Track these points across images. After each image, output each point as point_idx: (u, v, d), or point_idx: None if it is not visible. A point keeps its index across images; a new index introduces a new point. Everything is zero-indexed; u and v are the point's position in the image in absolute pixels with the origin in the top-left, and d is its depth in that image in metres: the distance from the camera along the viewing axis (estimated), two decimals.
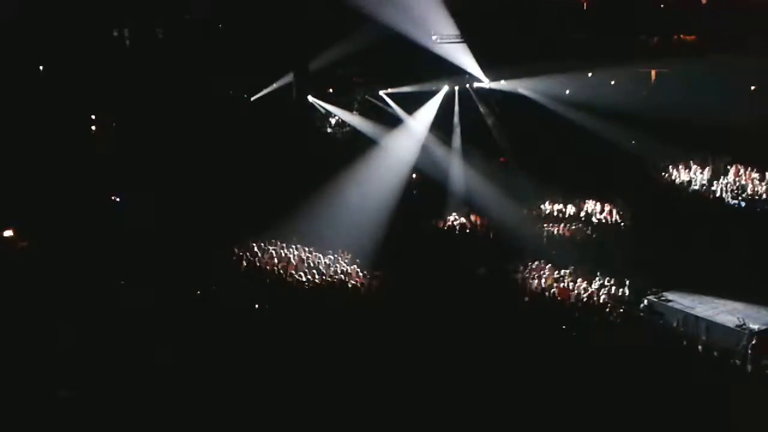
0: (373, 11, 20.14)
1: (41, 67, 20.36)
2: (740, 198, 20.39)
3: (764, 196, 20.21)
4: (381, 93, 24.88)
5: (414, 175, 23.51)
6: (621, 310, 15.16)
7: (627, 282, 15.90)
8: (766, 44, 20.32)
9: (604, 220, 20.46)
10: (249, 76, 22.24)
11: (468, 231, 20.59)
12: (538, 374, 11.47)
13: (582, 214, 20.92)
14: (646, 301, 15.45)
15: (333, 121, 24.86)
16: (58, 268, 15.44)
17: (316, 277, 15.81)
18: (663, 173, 22.66)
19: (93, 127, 21.53)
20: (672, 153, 22.60)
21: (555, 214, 21.15)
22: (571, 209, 21.16)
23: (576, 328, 14.10)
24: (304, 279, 15.62)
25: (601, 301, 15.57)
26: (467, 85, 24.58)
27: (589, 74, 24.52)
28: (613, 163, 22.53)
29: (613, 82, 24.87)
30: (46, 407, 10.69)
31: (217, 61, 21.02)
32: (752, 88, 22.94)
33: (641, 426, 10.37)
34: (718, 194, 20.86)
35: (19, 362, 11.71)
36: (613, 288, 15.84)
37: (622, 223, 20.20)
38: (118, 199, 20.14)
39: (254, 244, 17.53)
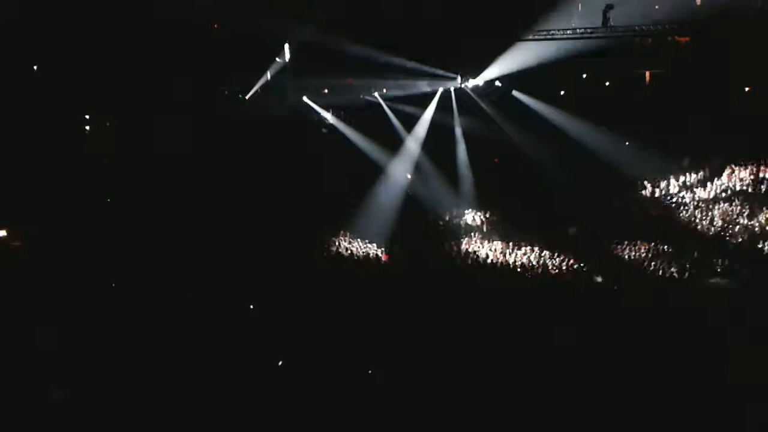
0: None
1: (35, 67, 20.33)
2: None
3: None
4: (376, 94, 25.01)
5: (409, 176, 23.57)
6: None
7: None
8: None
9: None
10: (245, 75, 22.33)
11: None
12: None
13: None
14: None
15: (329, 122, 24.93)
16: (52, 267, 15.39)
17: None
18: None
19: (87, 127, 21.52)
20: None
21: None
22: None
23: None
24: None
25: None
26: (462, 85, 24.60)
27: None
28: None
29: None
30: (41, 407, 10.64)
31: (213, 60, 21.03)
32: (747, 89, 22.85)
33: None
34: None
35: (12, 361, 11.67)
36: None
37: None
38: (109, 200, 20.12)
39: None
